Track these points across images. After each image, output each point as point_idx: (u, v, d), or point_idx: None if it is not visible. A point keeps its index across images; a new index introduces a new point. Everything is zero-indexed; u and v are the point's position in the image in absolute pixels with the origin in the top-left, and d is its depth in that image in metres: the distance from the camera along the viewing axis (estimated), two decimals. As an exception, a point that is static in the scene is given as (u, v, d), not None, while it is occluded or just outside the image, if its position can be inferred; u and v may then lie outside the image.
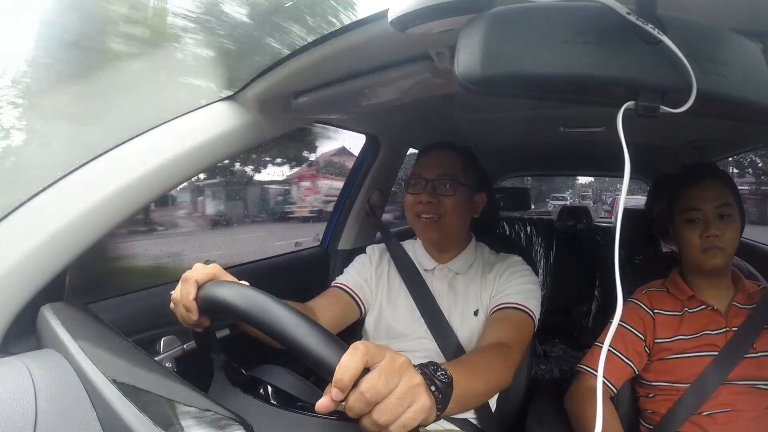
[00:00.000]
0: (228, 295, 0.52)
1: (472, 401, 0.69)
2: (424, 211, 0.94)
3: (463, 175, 0.97)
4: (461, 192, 0.95)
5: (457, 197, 0.94)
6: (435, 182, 0.94)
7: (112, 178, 0.68)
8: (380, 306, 1.00)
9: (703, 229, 0.89)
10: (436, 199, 0.94)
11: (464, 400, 0.61)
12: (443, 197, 0.94)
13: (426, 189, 0.94)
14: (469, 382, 0.61)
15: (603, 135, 1.45)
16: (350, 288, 0.99)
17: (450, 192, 0.94)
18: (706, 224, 0.89)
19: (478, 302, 0.95)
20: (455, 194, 0.94)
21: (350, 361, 0.40)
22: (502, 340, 0.79)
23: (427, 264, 1.02)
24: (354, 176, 1.50)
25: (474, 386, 0.64)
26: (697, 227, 0.90)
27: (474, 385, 0.64)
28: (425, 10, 0.41)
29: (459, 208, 0.95)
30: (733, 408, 0.86)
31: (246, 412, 0.47)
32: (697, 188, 0.92)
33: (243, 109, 0.81)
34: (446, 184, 0.94)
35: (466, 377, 0.61)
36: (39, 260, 0.61)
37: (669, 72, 0.36)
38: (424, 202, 0.94)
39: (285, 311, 0.45)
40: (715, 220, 0.89)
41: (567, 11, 0.36)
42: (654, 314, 0.96)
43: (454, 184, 0.94)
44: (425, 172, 0.96)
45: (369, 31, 0.57)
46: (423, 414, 0.42)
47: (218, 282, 0.56)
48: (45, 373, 0.45)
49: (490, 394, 0.76)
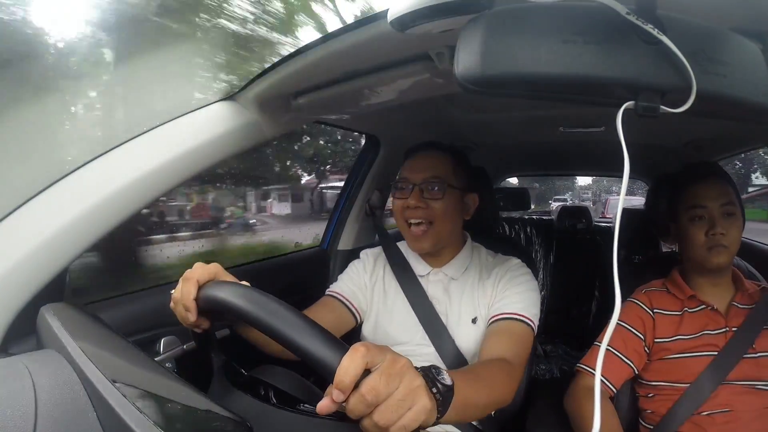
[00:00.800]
0: (228, 295, 0.52)
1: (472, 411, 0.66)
2: (413, 216, 0.91)
3: (452, 176, 0.93)
4: (451, 194, 0.92)
5: (446, 200, 0.91)
6: (422, 185, 0.91)
7: (113, 178, 0.68)
8: (376, 312, 0.98)
9: (708, 226, 0.89)
10: (425, 204, 0.90)
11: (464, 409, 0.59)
12: (432, 201, 0.90)
13: (413, 192, 0.90)
14: (470, 391, 0.60)
15: (603, 135, 1.45)
16: (344, 296, 0.97)
17: (438, 195, 0.90)
18: (712, 222, 0.89)
19: (476, 309, 0.93)
20: (444, 197, 0.90)
21: (351, 363, 0.40)
22: (504, 356, 0.77)
23: (420, 270, 0.99)
24: (354, 176, 1.50)
25: (475, 396, 0.62)
26: (703, 225, 0.90)
27: (475, 395, 0.62)
28: (425, 10, 0.41)
29: (449, 211, 0.92)
30: (732, 408, 0.86)
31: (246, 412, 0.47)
32: (703, 186, 0.91)
33: (243, 109, 0.81)
34: (434, 186, 0.90)
35: (468, 385, 0.59)
36: (39, 260, 0.61)
37: (669, 72, 0.36)
38: (412, 207, 0.90)
39: (286, 312, 0.45)
40: (721, 218, 0.89)
41: (567, 11, 0.36)
42: (654, 314, 0.96)
43: (443, 187, 0.91)
44: (412, 175, 0.92)
45: (369, 31, 0.57)
46: (423, 416, 0.42)
47: (218, 282, 0.56)
48: (45, 373, 0.45)
49: (490, 408, 0.73)
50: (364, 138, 1.49)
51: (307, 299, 0.95)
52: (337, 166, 9.04)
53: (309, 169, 9.80)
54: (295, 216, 10.60)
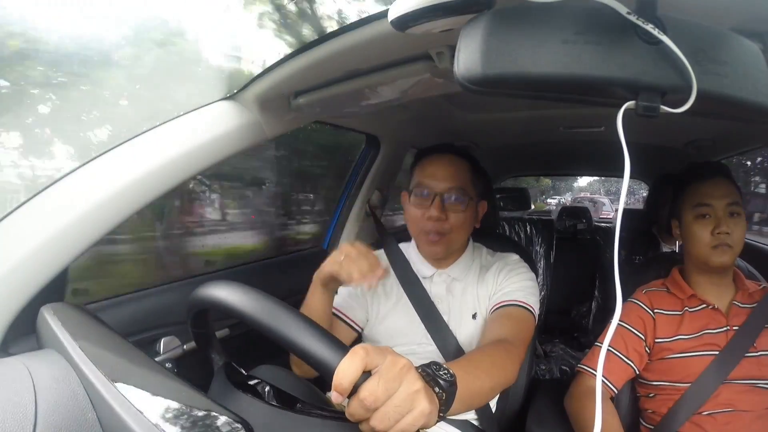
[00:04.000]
0: (228, 295, 0.52)
1: (477, 399, 0.68)
2: (433, 228, 0.88)
3: (471, 186, 0.92)
4: (470, 207, 0.90)
5: (466, 213, 0.90)
6: (445, 195, 0.88)
7: (113, 178, 0.68)
8: (377, 314, 0.98)
9: (714, 225, 0.89)
10: (445, 215, 0.88)
11: (469, 398, 0.60)
12: (452, 213, 0.88)
13: (435, 203, 0.87)
14: (473, 380, 0.61)
15: (603, 135, 1.45)
16: (341, 312, 0.96)
17: (460, 208, 0.89)
18: (718, 221, 0.88)
19: (477, 304, 0.94)
20: (465, 210, 0.89)
21: (349, 366, 0.40)
22: (505, 337, 0.78)
23: (425, 271, 0.99)
24: (354, 176, 1.50)
25: (478, 383, 0.63)
26: (708, 223, 0.90)
27: (478, 383, 0.63)
28: (425, 9, 0.41)
29: (467, 223, 0.91)
30: (733, 407, 0.86)
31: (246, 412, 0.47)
32: (709, 185, 0.91)
33: (243, 109, 0.81)
34: (457, 198, 0.88)
35: (470, 375, 0.60)
36: (39, 260, 0.61)
37: (669, 72, 0.36)
38: (434, 219, 0.87)
39: (286, 312, 0.45)
40: (726, 218, 0.88)
41: (567, 11, 0.36)
42: (654, 314, 0.96)
43: (465, 200, 0.89)
44: (434, 183, 0.89)
45: (369, 31, 0.57)
46: (422, 420, 0.42)
47: (219, 282, 0.56)
48: (45, 373, 0.45)
49: (496, 391, 0.74)
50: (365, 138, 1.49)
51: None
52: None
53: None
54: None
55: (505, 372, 0.71)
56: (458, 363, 0.67)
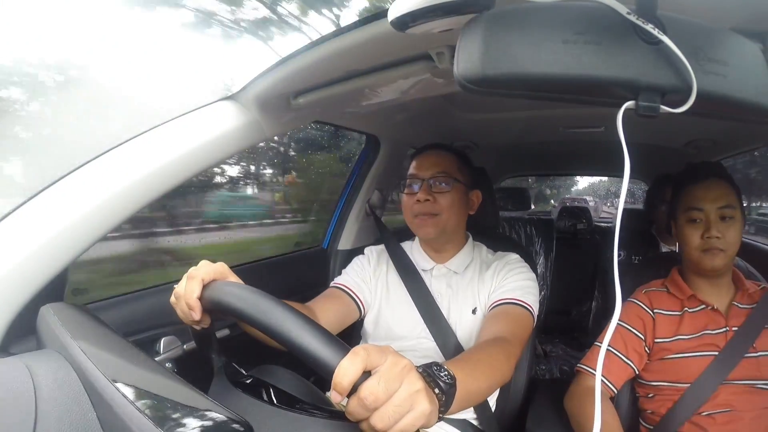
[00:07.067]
0: (228, 295, 0.52)
1: (475, 398, 0.69)
2: (422, 210, 0.95)
3: (458, 172, 0.98)
4: (457, 189, 0.97)
5: (453, 194, 0.96)
6: (431, 180, 0.96)
7: (113, 179, 0.68)
8: (379, 306, 1.00)
9: (704, 229, 0.89)
10: (433, 197, 0.95)
11: (467, 398, 0.61)
12: (439, 195, 0.95)
13: (422, 187, 0.96)
14: (471, 380, 0.61)
15: (603, 135, 1.45)
16: (349, 288, 1.00)
17: (446, 189, 0.96)
18: (707, 225, 0.89)
19: (476, 300, 0.95)
20: (451, 191, 0.96)
21: (349, 366, 0.40)
22: (501, 335, 0.79)
23: (425, 264, 1.03)
24: (354, 176, 1.50)
25: (476, 383, 0.64)
26: (698, 227, 0.90)
27: (476, 383, 0.63)
28: (425, 10, 0.41)
29: (455, 204, 0.97)
30: (733, 408, 0.86)
31: (246, 412, 0.47)
32: (701, 188, 0.91)
33: (243, 108, 0.81)
34: (442, 181, 0.96)
35: (469, 375, 0.61)
36: (39, 260, 0.61)
37: (669, 72, 0.36)
38: (422, 201, 0.95)
39: (286, 312, 0.45)
40: (717, 222, 0.88)
41: (567, 11, 0.36)
42: (654, 314, 0.96)
43: (450, 181, 0.96)
44: (420, 172, 0.98)
45: (369, 31, 0.57)
46: (422, 420, 0.42)
47: (220, 282, 0.56)
48: (45, 373, 0.45)
49: (492, 390, 0.75)
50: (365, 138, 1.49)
51: (307, 299, 0.95)
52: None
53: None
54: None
55: (501, 372, 0.72)
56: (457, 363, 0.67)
